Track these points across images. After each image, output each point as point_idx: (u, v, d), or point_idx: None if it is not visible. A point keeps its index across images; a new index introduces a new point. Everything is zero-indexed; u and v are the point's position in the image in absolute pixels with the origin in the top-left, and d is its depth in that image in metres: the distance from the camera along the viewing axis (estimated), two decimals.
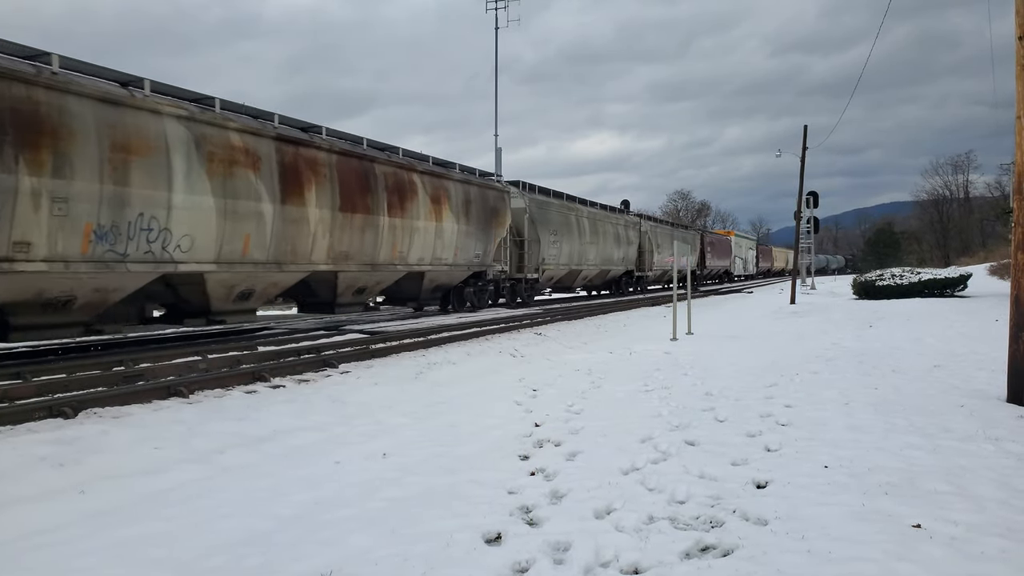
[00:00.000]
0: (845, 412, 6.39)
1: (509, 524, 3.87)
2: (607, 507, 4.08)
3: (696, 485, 4.41)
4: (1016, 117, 6.71)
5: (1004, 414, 6.22)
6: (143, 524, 3.99)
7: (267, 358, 9.72)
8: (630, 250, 30.82)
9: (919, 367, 9.00)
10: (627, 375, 9.07)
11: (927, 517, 3.71)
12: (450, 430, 6.28)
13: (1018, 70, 6.69)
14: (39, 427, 5.88)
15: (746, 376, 8.64)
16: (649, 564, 3.31)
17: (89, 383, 7.60)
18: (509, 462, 5.21)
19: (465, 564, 3.35)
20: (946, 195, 79.38)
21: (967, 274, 25.04)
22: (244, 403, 7.21)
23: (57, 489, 4.60)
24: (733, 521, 3.80)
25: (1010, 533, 3.51)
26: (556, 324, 16.56)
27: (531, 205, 21.65)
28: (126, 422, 6.20)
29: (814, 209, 42.19)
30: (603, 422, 6.30)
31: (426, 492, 4.47)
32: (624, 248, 30.12)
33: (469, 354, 11.19)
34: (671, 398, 7.37)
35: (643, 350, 11.72)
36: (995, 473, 4.50)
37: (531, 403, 7.45)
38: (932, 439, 5.33)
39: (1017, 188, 6.77)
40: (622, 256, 29.87)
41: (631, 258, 31.14)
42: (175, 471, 5.06)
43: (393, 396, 7.94)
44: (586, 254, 25.71)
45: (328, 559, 3.43)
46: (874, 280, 25.05)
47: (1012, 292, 6.83)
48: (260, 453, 5.61)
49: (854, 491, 4.17)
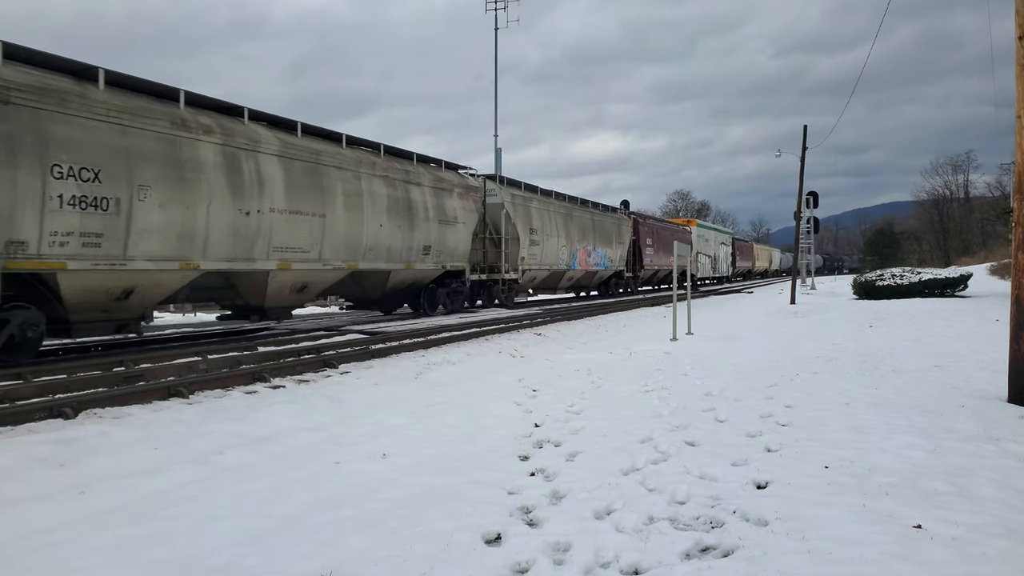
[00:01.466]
0: (846, 412, 6.39)
1: (509, 524, 3.87)
2: (607, 507, 4.08)
3: (696, 485, 4.40)
4: (1016, 117, 6.71)
5: (1005, 414, 6.21)
6: (143, 524, 3.99)
7: (267, 358, 9.72)
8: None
9: (920, 367, 8.99)
10: (627, 375, 9.07)
11: (928, 518, 3.71)
12: (450, 430, 6.28)
13: (1018, 70, 6.68)
14: (39, 427, 5.87)
15: (746, 376, 8.63)
16: (649, 565, 3.30)
17: (89, 383, 7.60)
18: (509, 462, 5.20)
19: (465, 565, 3.35)
20: (946, 195, 79.37)
21: (967, 274, 25.02)
22: (244, 403, 7.21)
23: (57, 489, 4.60)
24: (733, 522, 3.80)
25: (1011, 534, 3.50)
26: (556, 324, 16.56)
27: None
28: (126, 422, 6.20)
29: (814, 209, 42.18)
30: (603, 422, 6.30)
31: (426, 492, 4.47)
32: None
33: (469, 354, 11.19)
34: (671, 398, 7.37)
35: (643, 350, 11.71)
36: (996, 473, 4.49)
37: (531, 403, 7.44)
38: (933, 439, 5.33)
39: (1017, 188, 6.77)
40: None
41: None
42: (175, 471, 5.06)
43: (393, 396, 7.94)
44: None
45: (328, 559, 3.43)
46: (874, 280, 25.04)
47: (1012, 292, 6.83)
48: (260, 453, 5.61)
49: (855, 491, 4.16)
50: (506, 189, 20.90)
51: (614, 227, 29.73)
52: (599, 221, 28.28)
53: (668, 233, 36.01)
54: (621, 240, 29.88)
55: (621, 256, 30.06)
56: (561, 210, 24.49)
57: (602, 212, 29.18)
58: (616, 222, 30.15)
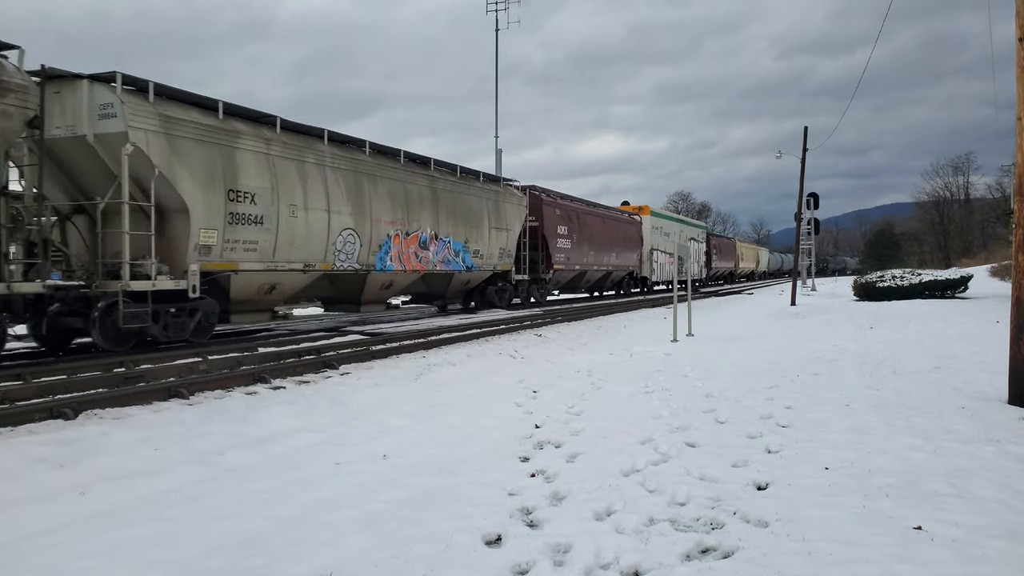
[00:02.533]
0: (846, 414, 6.39)
1: (509, 526, 3.87)
2: (607, 509, 4.08)
3: (696, 487, 4.40)
4: (1017, 118, 6.71)
5: (1005, 416, 6.21)
6: (144, 525, 3.99)
7: (267, 359, 9.72)
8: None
9: (920, 369, 8.99)
10: (627, 376, 9.07)
11: (928, 519, 3.71)
12: (450, 431, 6.28)
13: (1018, 72, 6.68)
14: (40, 428, 5.87)
15: (746, 378, 8.63)
16: (649, 566, 3.30)
17: (90, 384, 7.60)
18: (509, 463, 5.20)
19: (465, 565, 3.35)
20: (946, 196, 79.33)
21: (968, 275, 25.01)
22: (244, 404, 7.21)
23: (58, 490, 4.60)
24: (734, 523, 3.80)
25: (1011, 535, 3.50)
26: (556, 325, 16.56)
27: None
28: (126, 423, 6.20)
29: (814, 210, 42.15)
30: (604, 423, 6.30)
31: (426, 493, 4.47)
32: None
33: (469, 355, 11.19)
34: (672, 399, 7.37)
35: (643, 351, 11.71)
36: (996, 475, 4.49)
37: (531, 404, 7.44)
38: (933, 441, 5.33)
39: (1018, 189, 6.77)
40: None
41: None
42: (175, 472, 5.06)
43: (393, 397, 7.94)
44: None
45: (328, 560, 3.43)
46: (875, 281, 25.04)
47: (1013, 294, 6.83)
48: (260, 454, 5.61)
49: (855, 493, 4.16)
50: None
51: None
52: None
53: (598, 221, 26.23)
54: (502, 226, 19.85)
55: (503, 250, 20.05)
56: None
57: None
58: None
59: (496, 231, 19.34)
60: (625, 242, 29.16)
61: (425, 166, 16.65)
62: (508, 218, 20.00)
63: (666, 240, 33.99)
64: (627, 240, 29.41)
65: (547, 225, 22.28)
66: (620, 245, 28.54)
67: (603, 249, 26.54)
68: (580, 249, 24.40)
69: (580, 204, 25.60)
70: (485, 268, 18.98)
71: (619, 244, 28.44)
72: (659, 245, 33.15)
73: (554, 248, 22.61)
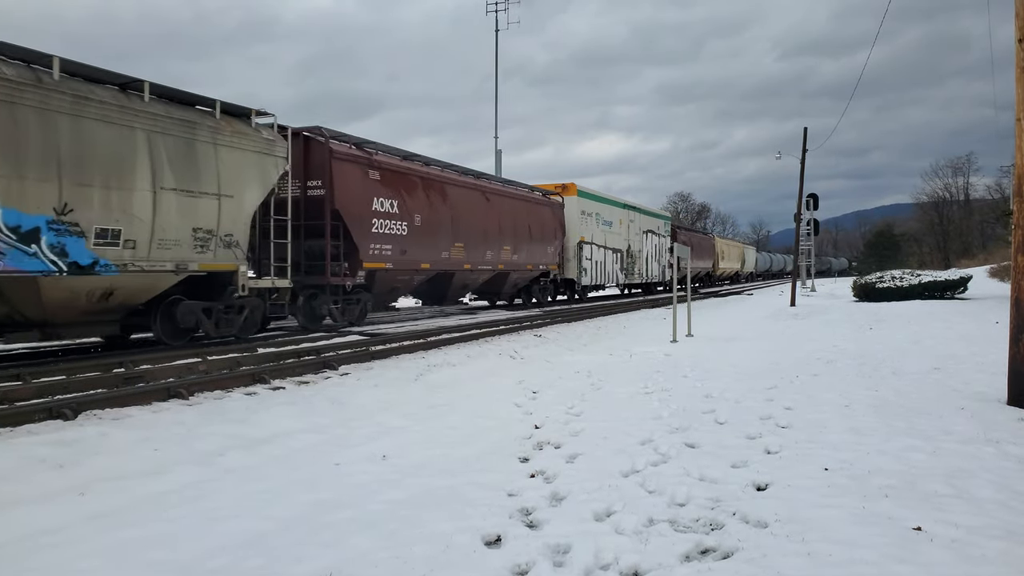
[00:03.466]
0: (845, 414, 6.39)
1: (509, 526, 3.87)
2: (607, 509, 4.08)
3: (696, 487, 4.40)
4: (1016, 119, 6.71)
5: (1004, 416, 6.21)
6: (144, 526, 3.99)
7: (267, 360, 9.71)
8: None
9: (919, 369, 9.00)
10: (627, 377, 9.07)
11: (928, 519, 3.71)
12: (450, 432, 6.28)
13: (1018, 73, 6.69)
14: (39, 429, 5.87)
15: (746, 378, 8.63)
16: (649, 567, 3.31)
17: (89, 385, 7.60)
18: (509, 464, 5.21)
19: (465, 566, 3.35)
20: (946, 197, 79.38)
21: (967, 276, 25.03)
22: (244, 405, 7.21)
23: (57, 491, 4.60)
24: (733, 523, 3.80)
25: (1011, 535, 3.51)
26: (556, 326, 16.56)
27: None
28: (126, 424, 6.20)
29: (814, 211, 42.16)
30: (603, 424, 6.30)
31: (426, 494, 4.47)
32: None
33: (469, 356, 11.19)
34: (671, 400, 7.37)
35: (643, 352, 11.71)
36: (995, 475, 4.49)
37: (531, 405, 7.45)
38: (932, 441, 5.33)
39: (1017, 190, 6.77)
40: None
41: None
42: (175, 473, 5.06)
43: (393, 398, 7.94)
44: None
45: (328, 561, 3.43)
46: (874, 282, 25.06)
47: (1012, 294, 6.83)
48: (260, 455, 5.61)
49: (854, 493, 4.17)
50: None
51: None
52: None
53: (471, 196, 17.73)
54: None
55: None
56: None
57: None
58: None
59: None
60: (532, 230, 20.64)
61: None
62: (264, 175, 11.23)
63: (607, 231, 26.22)
64: (535, 228, 20.92)
65: (356, 193, 13.48)
66: (519, 234, 19.88)
67: (488, 238, 18.18)
68: (418, 241, 15.29)
69: (432, 168, 16.45)
70: None
71: (517, 232, 19.80)
72: (594, 237, 25.00)
73: (368, 233, 13.77)
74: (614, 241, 27.19)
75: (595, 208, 25.60)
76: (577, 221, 23.79)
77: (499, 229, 18.87)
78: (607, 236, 26.36)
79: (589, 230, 24.69)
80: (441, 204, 16.38)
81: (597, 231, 25.48)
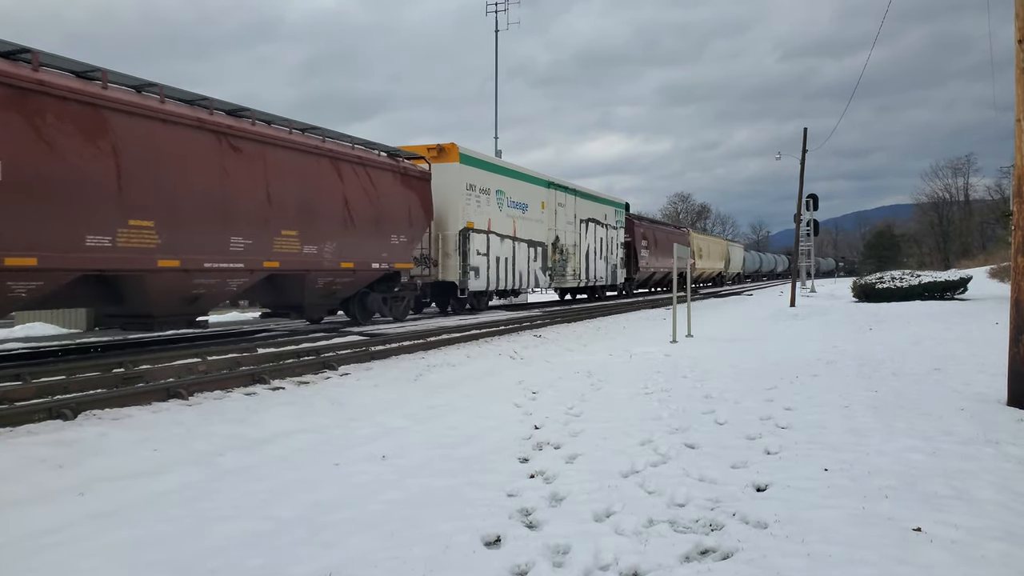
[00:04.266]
0: (845, 415, 6.39)
1: (508, 527, 3.87)
2: (607, 510, 4.08)
3: (696, 488, 4.40)
4: (1016, 120, 6.71)
5: (1004, 417, 6.21)
6: (143, 526, 3.98)
7: (266, 360, 9.71)
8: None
9: (919, 370, 8.99)
10: (627, 377, 9.07)
11: (927, 520, 3.71)
12: (449, 432, 6.28)
13: (1018, 74, 6.69)
14: (39, 429, 5.87)
15: (746, 379, 8.63)
16: (648, 567, 3.30)
17: (88, 385, 7.59)
18: (509, 464, 5.20)
19: (464, 567, 3.35)
20: (946, 198, 79.42)
21: (967, 277, 25.04)
22: (243, 405, 7.21)
23: (57, 491, 4.59)
24: (733, 524, 3.80)
25: (1010, 536, 3.50)
26: (555, 326, 16.56)
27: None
28: (125, 424, 6.19)
29: (814, 212, 42.16)
30: (603, 424, 6.30)
31: (425, 494, 4.47)
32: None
33: (469, 356, 11.19)
34: (671, 400, 7.37)
35: (643, 352, 11.71)
36: (995, 476, 4.49)
37: (531, 405, 7.44)
38: (932, 442, 5.33)
39: (1017, 191, 6.77)
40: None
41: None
42: (175, 473, 5.06)
43: (392, 398, 7.94)
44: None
45: (328, 561, 3.43)
46: (874, 283, 25.06)
47: (1012, 295, 6.83)
48: (260, 455, 5.60)
49: (854, 494, 4.17)
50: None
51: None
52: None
53: (161, 132, 9.49)
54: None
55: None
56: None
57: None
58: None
59: None
60: (357, 208, 13.57)
61: None
62: None
63: (518, 216, 19.47)
64: (365, 204, 13.79)
65: None
66: (326, 213, 12.78)
67: (238, 216, 10.82)
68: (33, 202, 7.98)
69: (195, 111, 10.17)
70: None
71: (320, 209, 12.56)
72: (491, 223, 18.12)
73: None
74: (530, 231, 20.19)
75: (494, 183, 18.24)
76: (459, 199, 16.88)
77: (269, 201, 11.36)
78: (518, 223, 19.31)
79: (483, 213, 17.70)
80: (87, 146, 8.60)
81: (499, 215, 18.45)
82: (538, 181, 21.48)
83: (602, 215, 26.77)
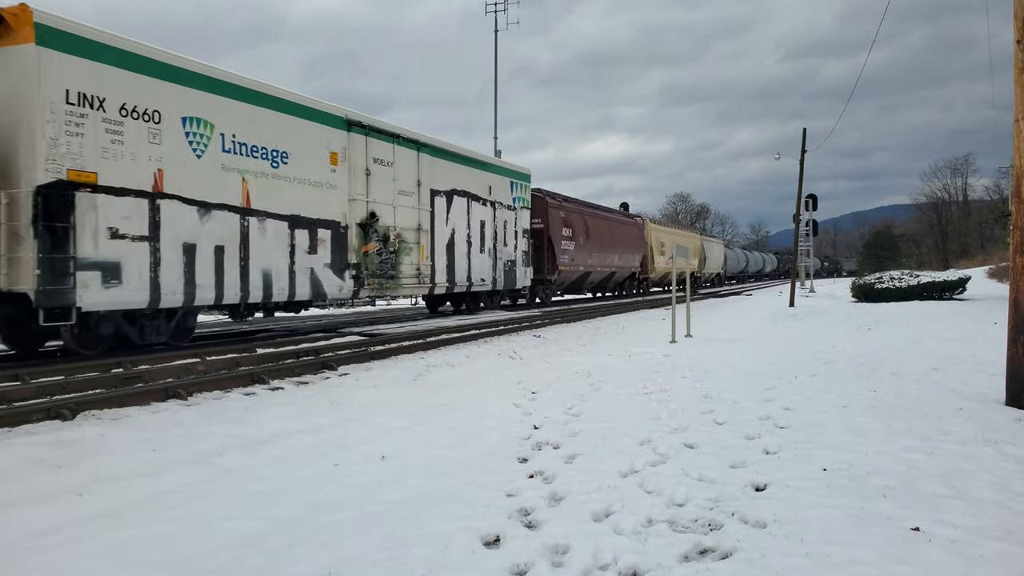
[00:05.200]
0: (844, 415, 6.39)
1: (508, 527, 3.87)
2: (606, 510, 4.08)
3: (695, 488, 4.41)
4: (1015, 120, 6.72)
5: (1003, 417, 6.22)
6: (143, 526, 3.98)
7: (265, 360, 9.71)
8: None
9: (918, 370, 9.00)
10: (626, 378, 9.07)
11: (926, 520, 3.71)
12: (449, 432, 6.28)
13: (1017, 74, 6.70)
14: (37, 429, 5.87)
15: (745, 379, 8.64)
16: (648, 567, 3.31)
17: (87, 385, 7.59)
18: (508, 464, 5.21)
19: (464, 567, 3.35)
20: (945, 198, 79.50)
21: (966, 277, 25.06)
22: (243, 405, 7.20)
23: (56, 491, 4.59)
24: (732, 524, 3.80)
25: (1009, 536, 3.51)
26: (555, 327, 16.57)
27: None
28: (124, 424, 6.19)
29: (813, 212, 42.19)
30: (602, 424, 6.30)
31: (425, 494, 4.47)
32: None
33: (468, 356, 11.19)
34: (670, 401, 7.37)
35: (642, 352, 11.72)
36: (994, 476, 4.50)
37: (530, 405, 7.45)
38: (931, 442, 5.33)
39: (1016, 191, 6.78)
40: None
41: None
42: (174, 473, 5.06)
43: (392, 398, 7.93)
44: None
45: (327, 561, 3.43)
46: (873, 283, 25.09)
47: (1011, 295, 6.84)
48: (259, 455, 5.60)
49: (853, 494, 4.17)
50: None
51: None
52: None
53: None
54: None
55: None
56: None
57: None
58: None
59: None
60: None
61: None
62: None
63: (261, 172, 11.00)
64: None
65: None
66: None
67: None
68: None
69: None
70: None
71: None
72: (177, 179, 9.61)
73: None
74: (296, 199, 11.80)
75: (180, 100, 9.75)
76: (42, 120, 8.01)
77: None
78: (261, 184, 11.02)
79: (134, 154, 9.09)
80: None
81: (192, 164, 9.93)
82: (318, 115, 12.36)
83: (483, 187, 18.13)
